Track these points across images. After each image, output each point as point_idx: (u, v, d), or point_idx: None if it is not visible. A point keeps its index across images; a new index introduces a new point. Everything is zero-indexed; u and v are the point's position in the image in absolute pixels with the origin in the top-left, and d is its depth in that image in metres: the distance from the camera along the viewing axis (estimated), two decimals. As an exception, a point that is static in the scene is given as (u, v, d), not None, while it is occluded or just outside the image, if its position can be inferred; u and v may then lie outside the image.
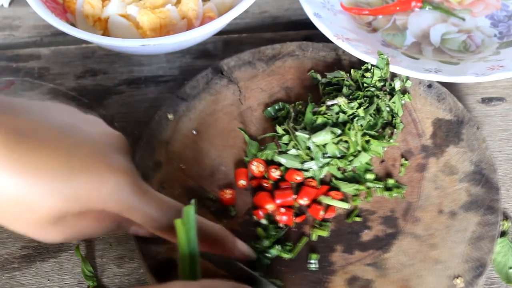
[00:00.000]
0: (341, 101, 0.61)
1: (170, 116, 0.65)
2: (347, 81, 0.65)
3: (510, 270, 0.58)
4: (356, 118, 0.60)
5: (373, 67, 0.66)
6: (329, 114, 0.60)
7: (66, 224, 0.44)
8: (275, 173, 0.60)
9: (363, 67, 0.66)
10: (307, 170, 0.60)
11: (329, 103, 0.61)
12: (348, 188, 0.59)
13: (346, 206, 0.58)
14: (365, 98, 0.63)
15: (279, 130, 0.61)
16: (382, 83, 0.65)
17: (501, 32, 0.76)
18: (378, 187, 0.59)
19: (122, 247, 0.61)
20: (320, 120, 0.60)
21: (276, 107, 0.66)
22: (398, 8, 0.79)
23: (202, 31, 0.68)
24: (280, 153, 0.61)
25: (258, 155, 0.61)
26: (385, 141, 0.61)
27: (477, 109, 0.71)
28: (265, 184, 0.60)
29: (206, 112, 0.66)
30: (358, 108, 0.61)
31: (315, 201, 0.59)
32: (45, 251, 0.61)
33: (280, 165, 0.60)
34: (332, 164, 0.59)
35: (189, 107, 0.66)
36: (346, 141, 0.59)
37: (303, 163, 0.60)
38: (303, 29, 0.81)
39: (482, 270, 0.53)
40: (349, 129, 0.59)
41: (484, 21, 0.77)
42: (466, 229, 0.55)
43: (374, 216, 0.57)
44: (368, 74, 0.65)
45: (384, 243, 0.55)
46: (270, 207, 0.58)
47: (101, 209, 0.44)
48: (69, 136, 0.43)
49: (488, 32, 0.76)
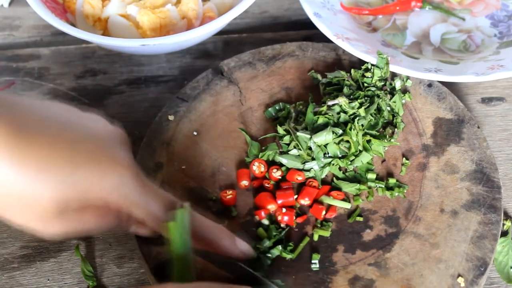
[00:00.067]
0: (342, 101, 0.61)
1: (170, 117, 0.65)
2: (347, 81, 0.65)
3: (512, 269, 0.58)
4: (357, 118, 0.60)
5: (373, 66, 0.66)
6: (330, 114, 0.60)
7: (68, 218, 0.43)
8: (277, 174, 0.60)
9: (363, 67, 0.66)
10: (309, 170, 0.59)
11: (330, 103, 0.61)
12: (349, 188, 0.59)
13: (347, 206, 0.58)
14: (366, 98, 0.63)
15: (280, 130, 0.61)
16: (382, 83, 0.65)
17: (501, 32, 0.76)
18: (379, 186, 0.59)
19: (122, 247, 0.61)
20: (321, 120, 0.60)
21: (277, 107, 0.66)
22: (398, 8, 0.79)
23: (202, 31, 0.68)
24: (281, 153, 0.61)
25: (259, 156, 0.61)
26: (386, 140, 0.61)
27: (477, 109, 0.71)
28: (267, 185, 0.60)
29: (207, 113, 0.66)
30: (359, 108, 0.61)
31: (316, 201, 0.58)
32: (45, 251, 0.61)
33: (281, 165, 0.60)
34: (333, 164, 0.59)
35: (189, 108, 0.66)
36: (347, 141, 0.59)
37: (304, 163, 0.59)
38: (303, 29, 0.81)
39: (484, 269, 0.53)
40: (350, 129, 0.59)
41: (484, 21, 0.78)
42: (467, 228, 0.55)
43: (375, 216, 0.57)
44: (368, 74, 0.65)
45: (386, 242, 0.55)
46: (271, 207, 0.58)
47: (103, 203, 0.44)
48: (71, 131, 0.43)
49: (488, 32, 0.76)
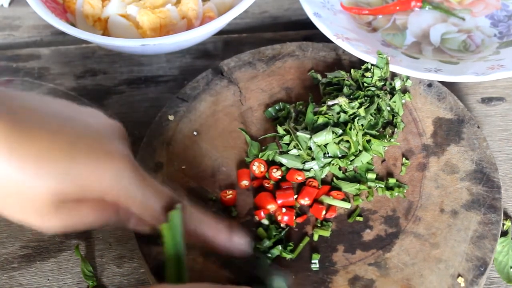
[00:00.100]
0: (341, 101, 0.61)
1: (170, 117, 0.65)
2: (347, 81, 0.65)
3: (512, 269, 0.58)
4: (357, 118, 0.60)
5: (373, 66, 0.66)
6: (330, 114, 0.60)
7: (66, 212, 0.43)
8: (276, 173, 0.60)
9: (363, 67, 0.66)
10: (308, 170, 0.59)
11: (330, 103, 0.61)
12: (349, 188, 0.59)
13: (347, 206, 0.58)
14: (366, 98, 0.63)
15: (280, 130, 0.61)
16: (382, 83, 0.65)
17: (501, 32, 0.76)
18: (379, 186, 0.59)
19: (122, 247, 0.61)
20: (321, 120, 0.60)
21: (277, 107, 0.66)
22: (398, 8, 0.79)
23: (202, 31, 0.68)
24: (281, 153, 0.61)
25: (259, 156, 0.61)
26: (386, 140, 0.61)
27: (477, 109, 0.71)
28: (266, 185, 0.60)
29: (207, 113, 0.66)
30: (359, 107, 0.61)
31: (316, 201, 0.58)
32: (45, 251, 0.61)
33: (281, 165, 0.60)
34: (333, 164, 0.59)
35: (189, 108, 0.66)
36: (347, 141, 0.59)
37: (304, 163, 0.59)
38: (303, 29, 0.81)
39: (484, 269, 0.53)
40: (350, 128, 0.59)
41: (484, 21, 0.78)
42: (467, 228, 0.55)
43: (375, 216, 0.57)
44: (368, 74, 0.65)
45: (386, 242, 0.55)
46: (271, 207, 0.58)
47: (101, 197, 0.44)
48: (70, 126, 0.43)
49: (488, 32, 0.76)
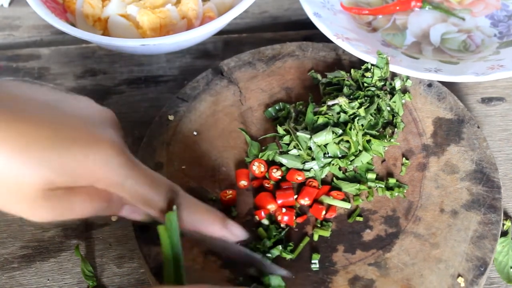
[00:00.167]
0: (341, 101, 0.61)
1: (170, 117, 0.65)
2: (347, 81, 0.65)
3: (512, 269, 0.58)
4: (357, 118, 0.60)
5: (373, 66, 0.66)
6: (330, 114, 0.60)
7: (55, 200, 0.43)
8: (276, 174, 0.60)
9: (363, 67, 0.66)
10: (308, 170, 0.59)
11: (330, 103, 0.61)
12: (349, 188, 0.59)
13: (347, 206, 0.58)
14: (366, 98, 0.63)
15: (280, 130, 0.61)
16: (382, 83, 0.65)
17: (501, 32, 0.76)
18: (379, 186, 0.59)
19: (122, 247, 0.61)
20: (321, 120, 0.60)
21: (277, 107, 0.66)
22: (398, 8, 0.79)
23: (202, 31, 0.68)
24: (281, 153, 0.61)
25: (259, 156, 0.61)
26: (386, 140, 0.61)
27: (477, 109, 0.71)
28: (266, 185, 0.60)
29: (207, 113, 0.66)
30: (359, 107, 0.61)
31: (316, 201, 0.58)
32: (45, 251, 0.61)
33: (281, 165, 0.60)
34: (333, 164, 0.59)
35: (189, 108, 0.66)
36: (347, 141, 0.59)
37: (304, 163, 0.59)
38: (303, 29, 0.81)
39: (484, 269, 0.53)
40: (350, 129, 0.59)
41: (484, 21, 0.78)
42: (467, 228, 0.55)
43: (375, 216, 0.57)
44: (368, 74, 0.65)
45: (386, 242, 0.55)
46: (271, 207, 0.58)
47: (91, 183, 0.43)
48: (56, 109, 0.43)
49: (488, 32, 0.76)
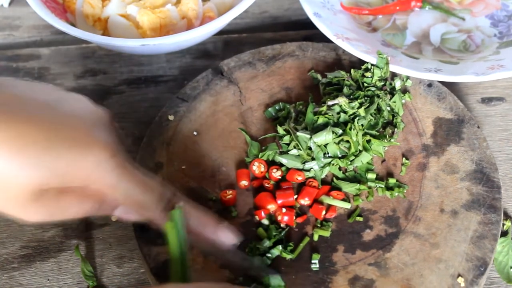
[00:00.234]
0: (341, 101, 0.61)
1: (170, 117, 0.65)
2: (347, 81, 0.65)
3: (512, 269, 0.58)
4: (357, 118, 0.60)
5: (373, 66, 0.66)
6: (330, 114, 0.60)
7: (47, 201, 0.43)
8: (276, 174, 0.60)
9: (363, 67, 0.66)
10: (308, 170, 0.59)
11: (330, 103, 0.61)
12: (349, 188, 0.59)
13: (347, 206, 0.58)
14: (366, 98, 0.63)
15: (280, 130, 0.61)
16: (382, 83, 0.65)
17: (501, 32, 0.76)
18: (379, 186, 0.59)
19: (122, 247, 0.61)
20: (321, 120, 0.60)
21: (277, 107, 0.66)
22: (398, 8, 0.79)
23: (202, 31, 0.68)
24: (281, 153, 0.61)
25: (259, 156, 0.61)
26: (386, 140, 0.61)
27: (477, 109, 0.71)
28: (266, 185, 0.60)
29: (207, 113, 0.66)
30: (359, 107, 0.61)
31: (316, 201, 0.58)
32: (44, 251, 0.61)
33: (281, 165, 0.60)
34: (333, 164, 0.59)
35: (189, 108, 0.66)
36: (347, 141, 0.59)
37: (304, 163, 0.59)
38: (303, 29, 0.81)
39: (484, 269, 0.53)
40: (350, 129, 0.59)
41: (484, 21, 0.78)
42: (467, 228, 0.55)
43: (375, 216, 0.57)
44: (368, 74, 0.65)
45: (386, 242, 0.55)
46: (271, 207, 0.58)
47: (83, 184, 0.43)
48: (54, 110, 0.43)
49: (488, 32, 0.76)
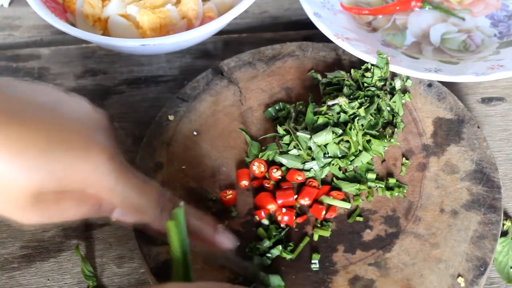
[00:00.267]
0: (342, 101, 0.61)
1: (170, 117, 0.65)
2: (347, 81, 0.65)
3: (512, 269, 0.58)
4: (357, 118, 0.60)
5: (373, 66, 0.66)
6: (330, 114, 0.60)
7: (45, 205, 0.43)
8: (276, 174, 0.60)
9: (363, 67, 0.66)
10: (308, 170, 0.59)
11: (330, 103, 0.61)
12: (349, 188, 0.59)
13: (347, 206, 0.58)
14: (366, 98, 0.63)
15: (280, 130, 0.61)
16: (382, 83, 0.65)
17: (501, 32, 0.76)
18: (379, 186, 0.59)
19: (122, 247, 0.61)
20: (321, 120, 0.60)
21: (277, 107, 0.66)
22: (398, 8, 0.79)
23: (202, 31, 0.68)
24: (281, 153, 0.61)
25: (259, 156, 0.61)
26: (386, 140, 0.61)
27: (477, 109, 0.71)
28: (267, 185, 0.60)
29: (207, 113, 0.66)
30: (359, 107, 0.61)
31: (316, 201, 0.58)
32: (45, 251, 0.61)
33: (281, 165, 0.60)
34: (333, 164, 0.59)
35: (189, 108, 0.66)
36: (347, 141, 0.59)
37: (304, 163, 0.59)
38: (303, 29, 0.81)
39: (484, 269, 0.53)
40: (350, 129, 0.59)
41: (484, 21, 0.78)
42: (468, 228, 0.55)
43: (375, 216, 0.57)
44: (368, 74, 0.65)
45: (386, 242, 0.55)
46: (271, 207, 0.58)
47: (81, 188, 0.43)
48: (53, 112, 0.42)
49: (488, 32, 0.76)
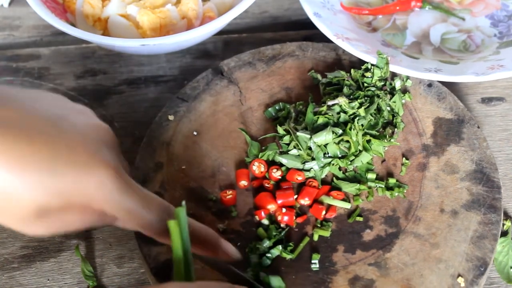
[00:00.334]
0: (341, 101, 0.61)
1: (170, 117, 0.65)
2: (347, 81, 0.65)
3: (512, 269, 0.58)
4: (357, 118, 0.60)
5: (373, 66, 0.66)
6: (330, 114, 0.60)
7: (50, 218, 0.42)
8: (276, 174, 0.60)
9: (363, 67, 0.66)
10: (308, 170, 0.59)
11: (330, 103, 0.61)
12: (349, 188, 0.59)
13: (347, 206, 0.58)
14: (366, 98, 0.63)
15: (280, 130, 0.61)
16: (382, 83, 0.65)
17: (501, 32, 0.76)
18: (379, 186, 0.59)
19: (122, 247, 0.61)
20: (321, 120, 0.60)
21: (277, 107, 0.66)
22: (398, 8, 0.79)
23: (202, 31, 0.68)
24: (281, 153, 0.61)
25: (259, 156, 0.61)
26: (386, 140, 0.61)
27: (477, 109, 0.71)
28: (266, 185, 0.60)
29: (207, 113, 0.66)
30: (359, 107, 0.61)
31: (316, 201, 0.58)
32: (45, 251, 0.61)
33: (281, 165, 0.60)
34: (333, 164, 0.59)
35: (189, 108, 0.66)
36: (347, 141, 0.59)
37: (304, 163, 0.59)
38: (303, 29, 0.81)
39: (484, 269, 0.53)
40: (350, 129, 0.59)
41: (484, 21, 0.78)
42: (468, 228, 0.55)
43: (375, 216, 0.57)
44: (368, 74, 0.65)
45: (386, 242, 0.55)
46: (271, 207, 0.58)
47: (85, 204, 0.43)
48: (54, 127, 0.42)
49: (488, 32, 0.76)
